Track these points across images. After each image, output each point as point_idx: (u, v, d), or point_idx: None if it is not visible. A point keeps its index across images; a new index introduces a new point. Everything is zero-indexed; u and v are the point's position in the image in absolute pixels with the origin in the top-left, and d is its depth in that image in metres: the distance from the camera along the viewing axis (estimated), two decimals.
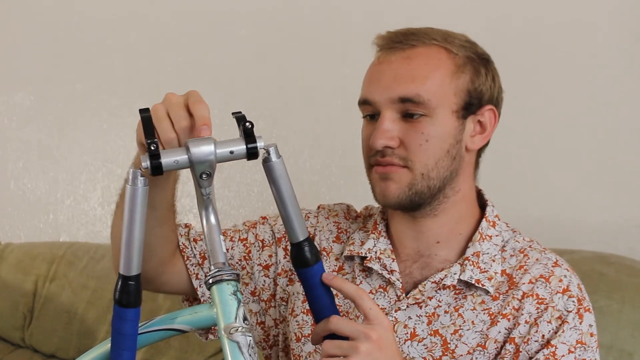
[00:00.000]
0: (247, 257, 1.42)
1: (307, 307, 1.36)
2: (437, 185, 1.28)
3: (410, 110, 1.26)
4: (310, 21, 2.23)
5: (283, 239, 1.42)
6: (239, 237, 1.44)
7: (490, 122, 1.32)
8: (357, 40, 2.18)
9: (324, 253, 1.40)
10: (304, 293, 1.35)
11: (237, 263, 1.42)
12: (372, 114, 1.31)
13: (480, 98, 1.30)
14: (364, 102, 1.32)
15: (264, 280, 1.41)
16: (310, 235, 1.40)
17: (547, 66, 1.95)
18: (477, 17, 1.98)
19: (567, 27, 1.95)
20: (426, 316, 1.29)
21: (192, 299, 1.43)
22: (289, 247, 1.39)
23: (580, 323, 1.25)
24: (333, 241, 1.41)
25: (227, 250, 1.42)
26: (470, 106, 1.30)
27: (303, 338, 1.36)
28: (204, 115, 1.05)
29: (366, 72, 1.34)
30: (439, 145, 1.27)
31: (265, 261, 1.41)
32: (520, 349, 1.24)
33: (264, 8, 2.29)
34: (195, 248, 1.39)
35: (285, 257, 1.41)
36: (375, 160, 1.29)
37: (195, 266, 1.39)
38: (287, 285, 1.41)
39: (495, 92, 1.33)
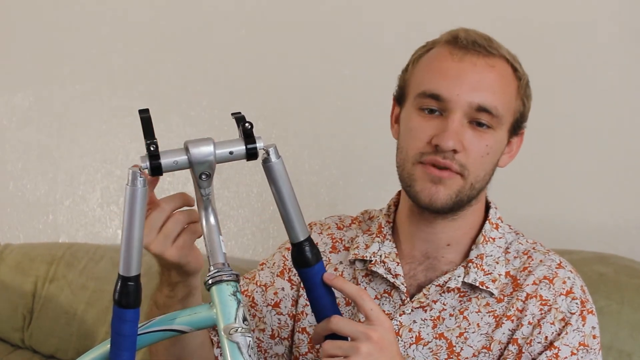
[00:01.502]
0: (252, 304, 1.40)
1: (302, 326, 1.36)
2: (475, 195, 1.29)
3: (481, 120, 1.25)
4: (310, 22, 2.23)
5: (285, 271, 1.40)
6: (240, 290, 1.42)
7: (517, 144, 1.35)
8: (357, 41, 2.18)
9: None
10: (297, 312, 1.35)
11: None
12: (433, 109, 1.26)
13: (523, 122, 1.33)
14: (431, 96, 1.26)
15: (279, 319, 1.39)
16: None
17: (546, 67, 1.95)
18: (478, 19, 1.97)
19: (567, 27, 1.95)
20: (431, 320, 1.29)
21: None
22: (293, 278, 1.39)
23: (583, 325, 1.25)
24: (329, 252, 1.41)
25: None
26: (516, 128, 1.32)
27: (301, 357, 1.36)
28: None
29: (434, 65, 1.29)
30: (493, 159, 1.28)
31: (272, 299, 1.39)
32: (523, 350, 1.24)
33: (264, 8, 2.29)
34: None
35: (292, 288, 1.39)
36: (431, 158, 1.25)
37: (215, 335, 1.36)
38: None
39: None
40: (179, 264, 1.16)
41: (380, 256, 1.33)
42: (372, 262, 1.33)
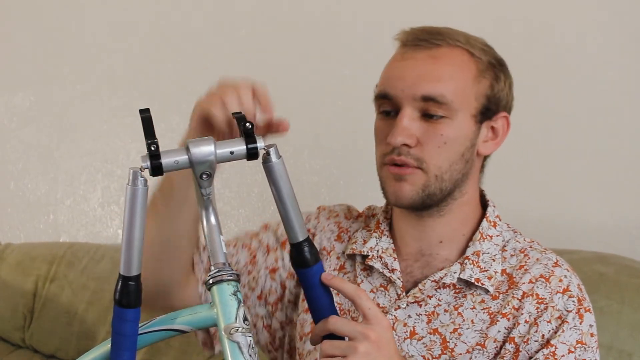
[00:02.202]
0: (252, 261, 1.41)
1: (306, 306, 1.37)
2: (448, 187, 1.29)
3: (431, 111, 1.25)
4: (310, 22, 2.23)
5: (287, 242, 1.41)
6: (242, 243, 1.43)
7: (503, 130, 1.33)
8: (357, 41, 2.19)
9: (325, 252, 1.40)
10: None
11: (243, 268, 1.41)
12: (388, 111, 1.29)
13: (497, 104, 1.31)
14: (382, 97, 1.29)
15: (271, 284, 1.41)
16: (311, 235, 1.41)
17: (546, 67, 1.95)
18: (478, 19, 1.98)
19: (566, 27, 1.95)
20: (426, 315, 1.30)
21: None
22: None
23: (581, 323, 1.25)
24: (335, 240, 1.42)
25: (232, 256, 1.42)
26: (488, 111, 1.30)
27: (304, 337, 1.37)
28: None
29: (386, 67, 1.32)
30: (456, 148, 1.27)
31: (272, 264, 1.41)
32: (520, 349, 1.24)
33: (264, 8, 2.29)
34: (202, 254, 1.39)
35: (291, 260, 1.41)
36: (389, 158, 1.27)
37: (204, 272, 1.38)
38: (294, 287, 1.40)
39: (510, 99, 1.34)
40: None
41: (377, 251, 1.34)
42: (370, 257, 1.34)
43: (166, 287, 1.33)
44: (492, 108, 1.30)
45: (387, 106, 1.29)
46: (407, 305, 1.30)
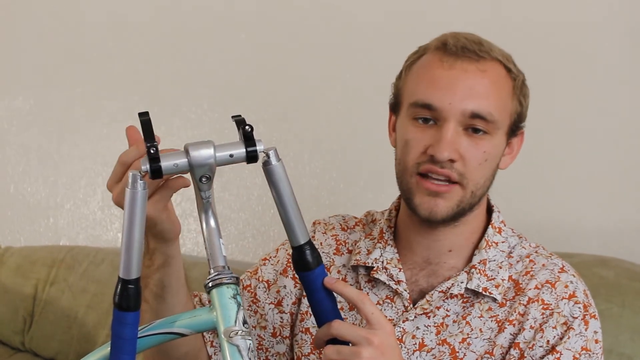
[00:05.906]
0: (254, 300, 1.39)
1: (305, 326, 1.36)
2: (477, 202, 1.28)
3: (477, 126, 1.23)
4: (311, 25, 2.23)
5: (289, 269, 1.39)
6: (242, 285, 1.40)
7: (517, 144, 1.33)
8: (358, 44, 2.19)
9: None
10: (301, 311, 1.34)
11: (247, 310, 1.38)
12: (427, 118, 1.25)
13: (521, 122, 1.31)
14: (423, 106, 1.24)
15: (281, 317, 1.38)
16: None
17: (545, 68, 1.95)
18: (478, 19, 1.98)
19: (566, 27, 1.95)
20: (434, 326, 1.28)
21: None
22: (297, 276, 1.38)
23: (586, 329, 1.24)
24: (333, 254, 1.40)
25: None
26: (515, 129, 1.30)
27: (303, 357, 1.35)
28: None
29: (425, 73, 1.26)
30: (492, 165, 1.27)
31: (276, 298, 1.38)
32: (525, 355, 1.24)
33: (264, 12, 2.29)
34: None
35: (295, 286, 1.38)
36: (427, 167, 1.23)
37: (211, 333, 1.35)
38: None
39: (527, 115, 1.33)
40: (153, 221, 1.11)
41: (382, 262, 1.32)
42: (375, 269, 1.33)
43: None
44: (519, 125, 1.31)
45: (427, 114, 1.24)
46: (415, 317, 1.29)
